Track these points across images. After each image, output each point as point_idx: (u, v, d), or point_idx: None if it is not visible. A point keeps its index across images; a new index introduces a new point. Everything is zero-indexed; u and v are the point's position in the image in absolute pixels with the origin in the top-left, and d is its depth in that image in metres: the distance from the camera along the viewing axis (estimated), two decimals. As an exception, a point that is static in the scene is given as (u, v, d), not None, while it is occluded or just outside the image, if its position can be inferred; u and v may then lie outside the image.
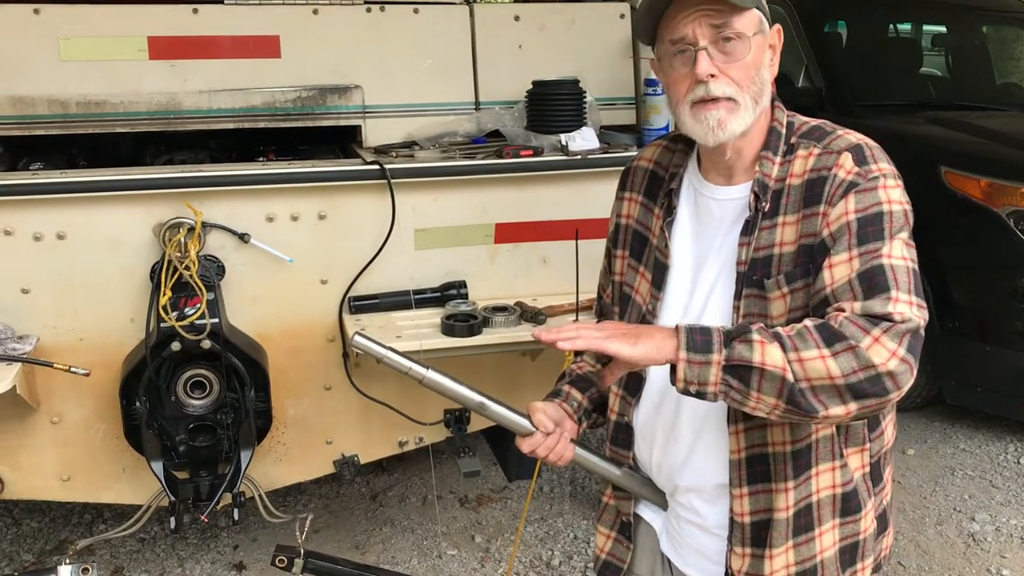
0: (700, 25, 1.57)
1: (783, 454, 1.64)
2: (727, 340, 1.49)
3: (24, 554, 3.51)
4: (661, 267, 1.75)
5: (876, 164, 1.59)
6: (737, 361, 1.48)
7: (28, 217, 2.69)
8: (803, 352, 1.47)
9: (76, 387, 2.79)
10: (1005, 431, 4.51)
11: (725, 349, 1.48)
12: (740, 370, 1.48)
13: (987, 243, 4.27)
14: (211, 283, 2.73)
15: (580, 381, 1.91)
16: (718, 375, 1.49)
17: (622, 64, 3.38)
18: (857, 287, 1.51)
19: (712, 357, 1.48)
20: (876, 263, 1.51)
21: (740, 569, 1.70)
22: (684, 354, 1.49)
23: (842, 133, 1.65)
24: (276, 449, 3.03)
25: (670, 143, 1.84)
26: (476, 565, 3.46)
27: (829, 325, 1.48)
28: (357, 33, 3.17)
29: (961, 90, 6.02)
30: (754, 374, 1.48)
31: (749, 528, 1.68)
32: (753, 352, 1.47)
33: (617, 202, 1.91)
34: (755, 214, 1.63)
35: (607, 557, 1.94)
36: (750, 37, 1.59)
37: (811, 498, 1.66)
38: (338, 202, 2.88)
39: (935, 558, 3.53)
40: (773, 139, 1.66)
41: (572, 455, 1.79)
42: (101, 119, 3.02)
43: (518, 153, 2.99)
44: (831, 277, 1.53)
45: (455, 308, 2.86)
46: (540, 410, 1.78)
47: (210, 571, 3.41)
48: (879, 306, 1.48)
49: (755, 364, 1.47)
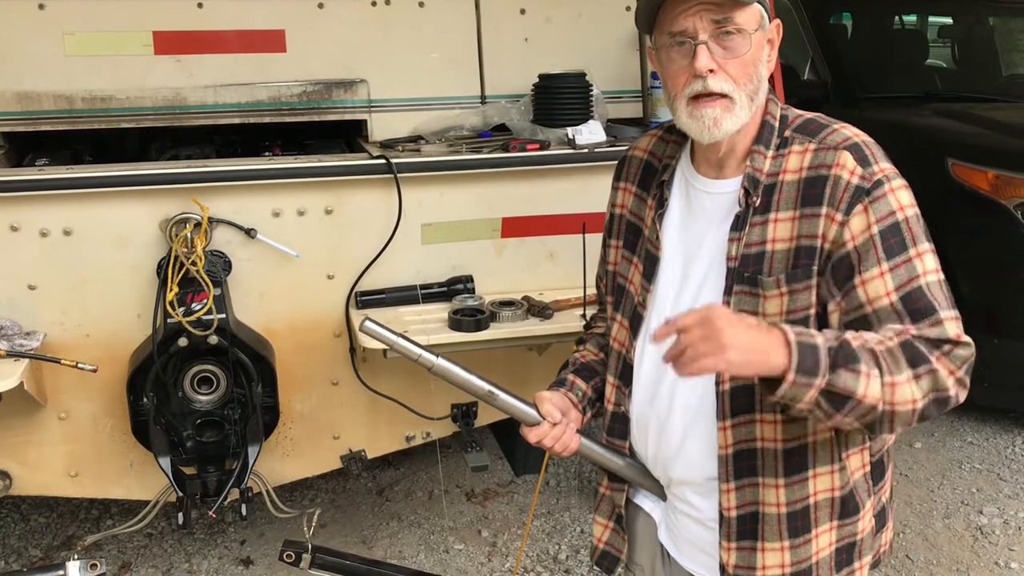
0: (701, 19, 1.56)
1: (773, 450, 1.64)
2: (832, 363, 1.43)
3: (32, 549, 3.52)
4: (652, 259, 1.75)
5: (877, 164, 1.57)
6: (840, 390, 1.44)
7: (34, 213, 2.69)
8: (896, 376, 1.46)
9: (83, 383, 2.79)
10: (1013, 424, 4.50)
11: (829, 373, 1.43)
12: (837, 398, 1.45)
13: (995, 235, 4.26)
14: (218, 278, 2.73)
15: (584, 370, 1.91)
16: (813, 396, 1.44)
17: (629, 57, 3.37)
18: (902, 311, 1.51)
19: (815, 381, 1.43)
20: (915, 285, 1.52)
21: (729, 562, 1.70)
22: (793, 376, 1.42)
23: (837, 127, 1.63)
24: (283, 444, 3.02)
25: (665, 133, 1.83)
26: (483, 559, 3.46)
27: (912, 345, 1.48)
28: (363, 27, 3.16)
29: (967, 82, 6.00)
30: (850, 403, 1.45)
31: (735, 522, 1.68)
32: (858, 384, 1.44)
33: (612, 192, 1.90)
34: (745, 209, 1.62)
35: (604, 547, 1.95)
36: (751, 33, 1.58)
37: (808, 500, 1.65)
38: (344, 197, 2.88)
39: (943, 551, 3.52)
40: (765, 133, 1.64)
41: (577, 445, 1.79)
42: (107, 115, 3.01)
43: (524, 147, 2.98)
44: (866, 295, 1.53)
45: (462, 303, 2.86)
46: (547, 400, 1.78)
47: (217, 566, 3.41)
48: (935, 332, 1.50)
49: (856, 397, 1.44)
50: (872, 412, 1.46)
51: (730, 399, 1.64)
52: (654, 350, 1.72)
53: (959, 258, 4.23)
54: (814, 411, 1.47)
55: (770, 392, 1.47)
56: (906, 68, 5.78)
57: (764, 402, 1.60)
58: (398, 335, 1.69)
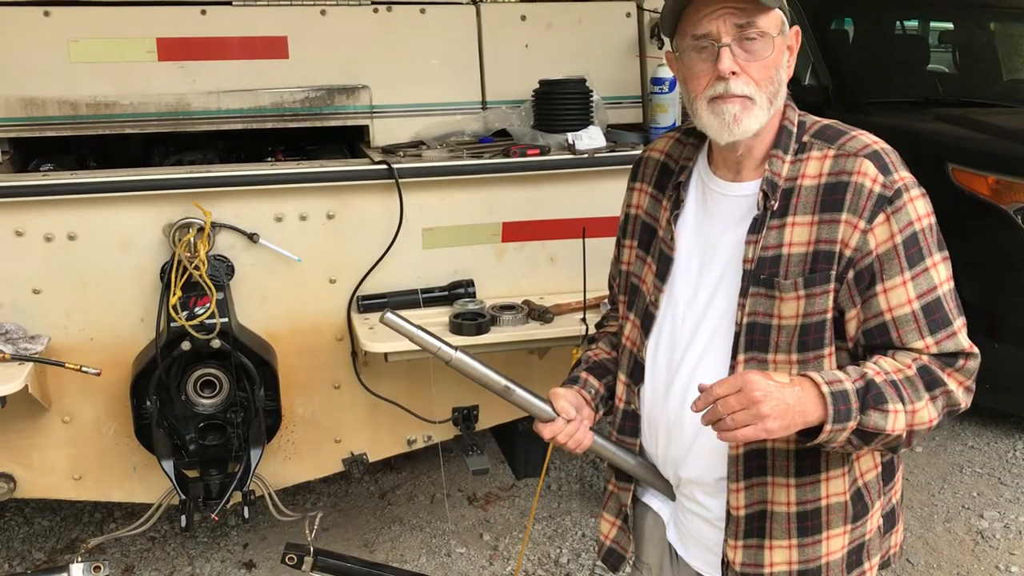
0: (724, 22, 1.58)
1: (784, 451, 1.66)
2: (862, 406, 1.51)
3: (36, 552, 3.54)
4: (666, 259, 1.77)
5: (898, 173, 1.61)
6: (871, 429, 1.52)
7: (39, 218, 2.71)
8: (916, 403, 1.54)
9: (87, 387, 2.81)
10: (1014, 428, 4.50)
11: (860, 415, 1.51)
12: (867, 435, 1.53)
13: (995, 240, 4.26)
14: (221, 283, 2.74)
15: (597, 368, 1.93)
16: (846, 437, 1.53)
17: (629, 63, 3.39)
18: (922, 321, 1.58)
19: (848, 424, 1.51)
20: (934, 297, 1.59)
21: (735, 560, 1.71)
22: (830, 427, 1.50)
23: (855, 134, 1.66)
24: (285, 448, 3.04)
25: (682, 136, 1.85)
26: (484, 563, 3.47)
27: (930, 369, 1.57)
28: (364, 34, 3.18)
29: (968, 87, 6.00)
30: (879, 438, 1.54)
31: (743, 521, 1.70)
32: (887, 422, 1.52)
33: (628, 192, 1.93)
34: (764, 212, 1.64)
35: (611, 544, 1.97)
36: (773, 37, 1.61)
37: (820, 502, 1.68)
38: (346, 202, 2.89)
39: (944, 555, 3.53)
40: (784, 137, 1.67)
41: (591, 442, 1.81)
42: (111, 120, 3.03)
43: (525, 152, 2.99)
44: (887, 303, 1.59)
45: (463, 307, 2.87)
46: (562, 396, 1.80)
47: (220, 569, 3.43)
48: (952, 344, 1.58)
49: (886, 432, 1.53)
50: (898, 440, 1.55)
51: None
52: (666, 350, 1.76)
53: (959, 262, 4.14)
54: (845, 447, 1.55)
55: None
56: (907, 73, 5.78)
57: None
58: (418, 328, 1.71)
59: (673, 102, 3.19)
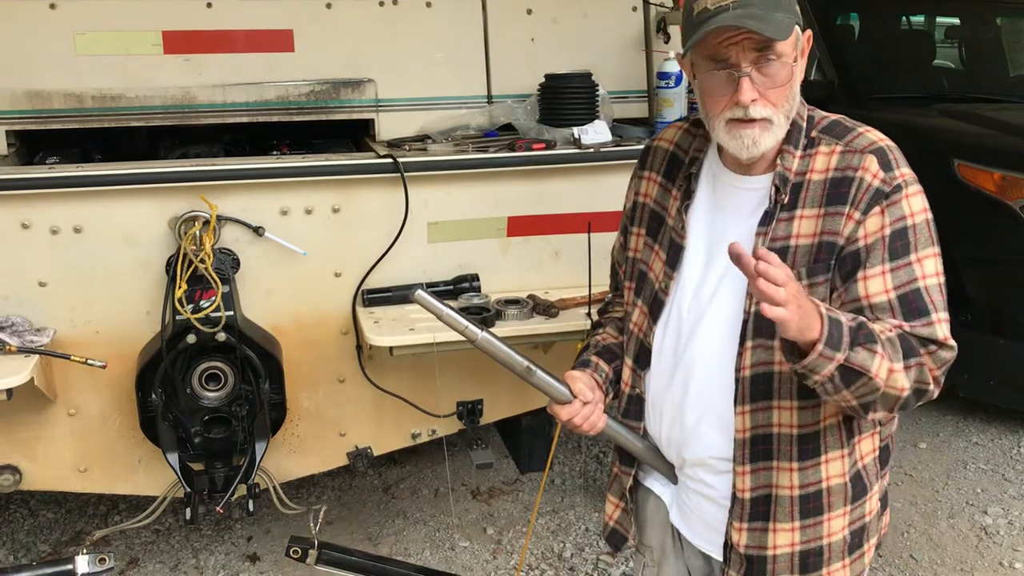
0: (743, 49, 1.60)
1: (788, 436, 1.70)
2: (853, 341, 1.52)
3: (41, 545, 3.55)
4: (676, 248, 1.80)
5: (899, 169, 1.65)
6: (856, 366, 1.52)
7: (45, 211, 2.71)
8: (895, 363, 1.55)
9: (93, 379, 2.81)
10: (1018, 424, 4.49)
11: (849, 350, 1.51)
12: (851, 373, 1.53)
13: (1000, 236, 4.25)
14: (226, 276, 2.75)
15: (606, 352, 1.96)
16: (831, 370, 1.52)
17: (634, 57, 3.38)
18: (898, 310, 1.60)
19: (837, 355, 1.51)
20: (913, 287, 1.61)
21: (740, 542, 1.76)
22: (822, 347, 1.50)
23: (862, 130, 1.70)
24: (290, 441, 3.05)
25: (691, 127, 1.88)
26: (488, 557, 3.48)
27: (907, 338, 1.58)
28: (370, 27, 3.18)
29: (974, 82, 5.99)
30: (861, 379, 1.53)
31: (748, 504, 1.74)
32: (872, 363, 1.53)
33: (636, 180, 1.95)
34: (774, 206, 1.68)
35: (614, 525, 2.02)
36: (792, 64, 1.63)
37: (821, 484, 1.72)
38: (352, 195, 2.90)
39: (947, 551, 3.53)
40: (794, 133, 1.70)
41: (604, 425, 1.84)
42: (116, 113, 3.03)
43: (530, 146, 2.99)
44: (865, 290, 1.62)
45: (468, 301, 2.87)
46: (579, 379, 1.84)
47: (224, 562, 3.44)
48: (926, 331, 1.60)
49: (869, 374, 1.53)
50: (873, 392, 1.55)
51: (750, 385, 1.70)
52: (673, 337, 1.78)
53: (964, 258, 4.23)
54: (825, 385, 1.54)
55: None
56: (913, 68, 5.78)
57: (782, 387, 1.68)
58: (447, 306, 1.74)
59: (679, 96, 3.18)
